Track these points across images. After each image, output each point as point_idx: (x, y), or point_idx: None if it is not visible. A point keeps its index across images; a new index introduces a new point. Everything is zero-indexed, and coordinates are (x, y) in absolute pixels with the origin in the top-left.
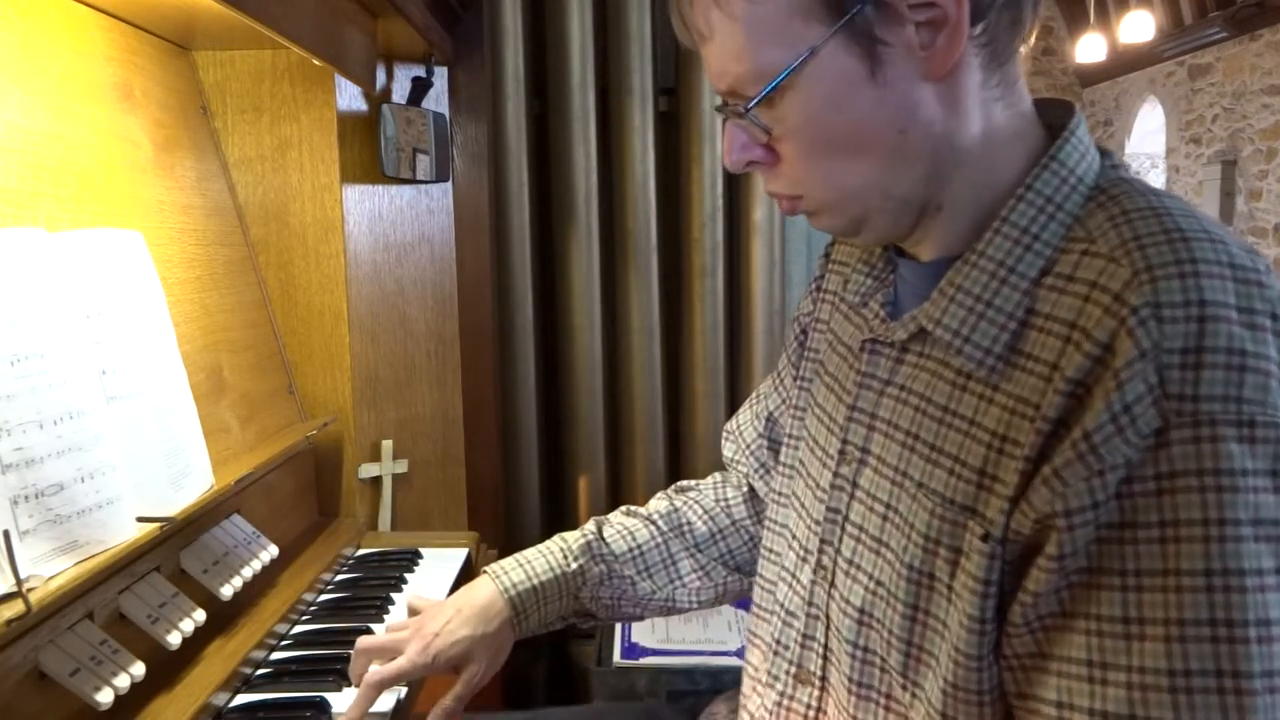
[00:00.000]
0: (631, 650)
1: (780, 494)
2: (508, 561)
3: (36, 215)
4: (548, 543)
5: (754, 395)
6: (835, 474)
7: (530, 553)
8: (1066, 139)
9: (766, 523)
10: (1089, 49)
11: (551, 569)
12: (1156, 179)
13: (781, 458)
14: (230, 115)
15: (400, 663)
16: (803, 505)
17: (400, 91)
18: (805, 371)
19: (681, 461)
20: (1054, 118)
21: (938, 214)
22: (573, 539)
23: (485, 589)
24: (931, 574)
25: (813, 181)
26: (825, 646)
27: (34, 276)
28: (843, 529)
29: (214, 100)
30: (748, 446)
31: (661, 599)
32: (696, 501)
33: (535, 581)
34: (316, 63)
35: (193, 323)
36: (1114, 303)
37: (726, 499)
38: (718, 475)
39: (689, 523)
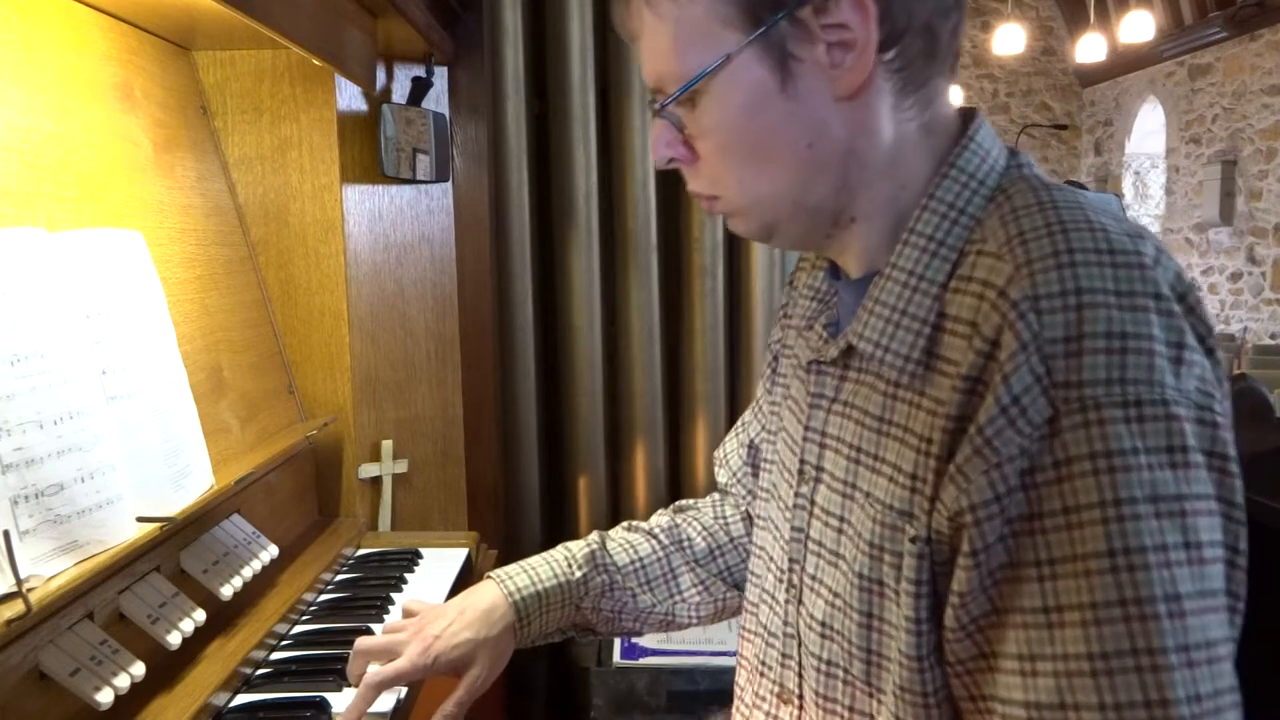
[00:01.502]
0: (631, 650)
1: (760, 518)
2: (512, 567)
3: (36, 215)
4: (551, 551)
5: (739, 423)
6: (796, 493)
7: (534, 560)
8: (965, 145)
9: (752, 547)
10: (1089, 49)
11: (555, 576)
12: (1156, 179)
13: (760, 482)
14: (230, 115)
15: (400, 664)
16: (776, 527)
17: (400, 91)
18: (775, 396)
19: (681, 461)
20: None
21: (851, 225)
22: (576, 548)
23: (489, 592)
24: (880, 580)
25: (727, 184)
26: (799, 664)
27: (34, 276)
28: (805, 546)
29: (214, 100)
30: (735, 474)
31: (661, 613)
32: (696, 519)
33: (539, 587)
34: (316, 63)
35: (193, 323)
36: (999, 298)
37: (725, 517)
38: (716, 495)
39: (689, 538)
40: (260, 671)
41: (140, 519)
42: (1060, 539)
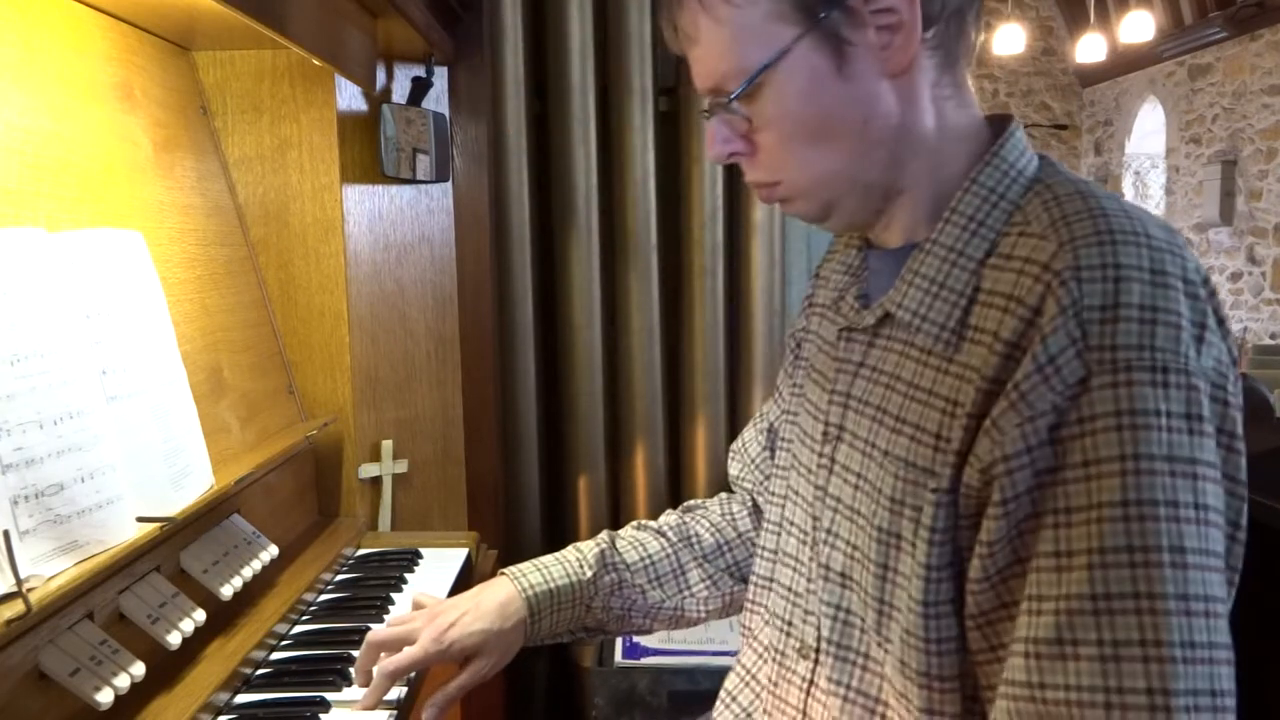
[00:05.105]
0: (633, 650)
1: (775, 494)
2: (525, 565)
3: (36, 215)
4: (563, 551)
5: (757, 415)
6: (819, 454)
7: (547, 559)
8: (1007, 139)
9: (764, 524)
10: (1089, 49)
11: (567, 575)
12: (1156, 179)
13: (777, 460)
14: (230, 115)
15: (414, 651)
16: (799, 494)
17: (400, 91)
18: (798, 378)
19: (681, 461)
20: (998, 125)
21: (899, 197)
22: (587, 548)
23: (503, 588)
24: (899, 534)
25: (788, 168)
26: (818, 618)
27: (34, 276)
28: (825, 503)
29: (214, 100)
30: (753, 461)
31: (671, 608)
32: (704, 517)
33: (551, 585)
34: (316, 63)
35: (193, 323)
36: (1043, 271)
37: (733, 513)
38: (724, 495)
39: (697, 535)
40: (260, 671)
41: (140, 519)
42: (1079, 489)
